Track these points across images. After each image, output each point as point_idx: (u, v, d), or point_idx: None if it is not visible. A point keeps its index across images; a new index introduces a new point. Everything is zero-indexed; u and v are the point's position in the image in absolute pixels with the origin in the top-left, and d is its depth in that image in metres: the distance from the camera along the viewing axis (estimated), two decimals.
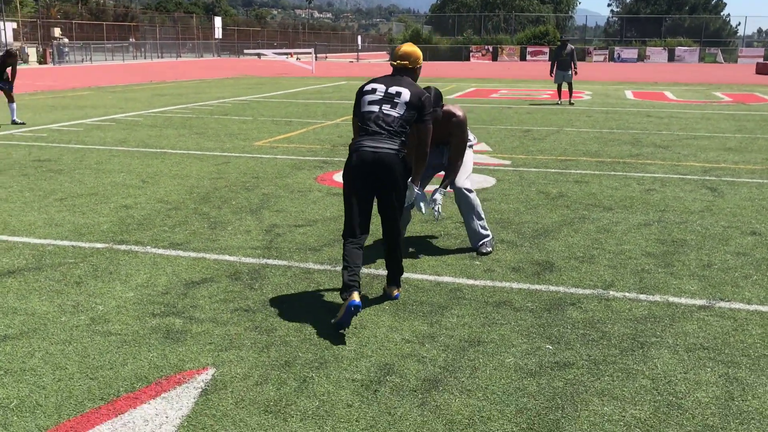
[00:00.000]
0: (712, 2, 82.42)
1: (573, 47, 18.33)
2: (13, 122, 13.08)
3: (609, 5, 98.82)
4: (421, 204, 4.78)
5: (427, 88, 4.77)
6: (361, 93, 4.22)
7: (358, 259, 3.98)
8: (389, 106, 4.09)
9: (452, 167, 5.27)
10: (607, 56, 56.87)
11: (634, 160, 9.58)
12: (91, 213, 6.50)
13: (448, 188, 5.32)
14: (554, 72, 18.25)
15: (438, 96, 5.02)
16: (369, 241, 5.00)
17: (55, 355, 3.61)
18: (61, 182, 7.87)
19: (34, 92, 21.16)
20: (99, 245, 5.49)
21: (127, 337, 3.83)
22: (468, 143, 5.48)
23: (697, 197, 7.30)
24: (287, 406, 3.12)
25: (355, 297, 3.76)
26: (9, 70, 13.14)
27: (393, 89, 4.13)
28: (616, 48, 58.81)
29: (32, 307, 4.24)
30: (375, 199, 4.18)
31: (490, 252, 5.34)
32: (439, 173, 5.54)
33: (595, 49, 59.15)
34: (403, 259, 4.55)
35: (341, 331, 3.86)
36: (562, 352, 3.66)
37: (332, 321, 3.88)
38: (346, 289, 3.86)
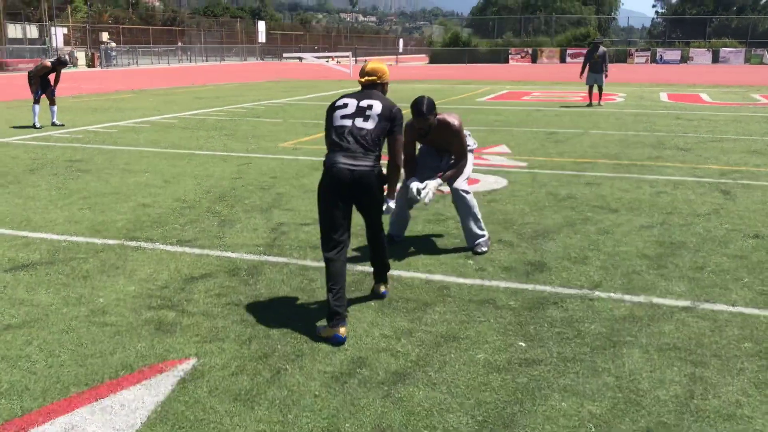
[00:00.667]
0: (761, 2, 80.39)
1: (605, 49, 18.23)
2: (53, 124, 13.58)
3: (654, 6, 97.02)
4: (414, 191, 5.05)
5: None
6: (332, 108, 4.21)
7: (341, 279, 3.96)
8: (362, 119, 4.07)
9: (455, 166, 5.40)
10: (649, 58, 55.98)
11: (652, 162, 9.53)
12: (110, 211, 6.78)
13: (445, 188, 5.46)
14: (585, 74, 18.17)
15: (431, 104, 5.11)
16: (357, 242, 5.15)
17: (51, 343, 3.83)
18: (88, 181, 8.20)
19: (78, 95, 21.84)
20: (111, 241, 5.75)
21: (121, 328, 4.04)
22: (468, 147, 5.58)
23: (708, 200, 7.26)
24: (257, 396, 3.28)
25: (341, 332, 3.82)
26: (52, 75, 13.63)
27: (364, 102, 4.13)
28: (659, 49, 57.89)
29: (38, 299, 4.49)
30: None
31: (485, 252, 5.44)
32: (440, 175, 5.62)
33: (636, 50, 58.26)
34: (403, 259, 4.67)
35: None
36: (534, 350, 3.75)
37: (317, 332, 3.94)
38: (332, 318, 3.86)
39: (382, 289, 4.55)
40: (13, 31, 41.45)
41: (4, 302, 4.44)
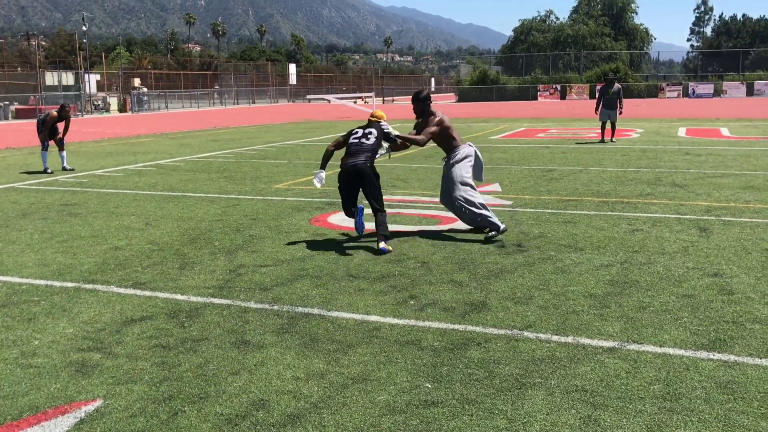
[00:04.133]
0: None
1: (620, 86, 18.25)
2: (64, 168, 14.00)
3: (688, 40, 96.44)
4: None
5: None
6: (349, 135, 7.29)
7: (351, 216, 7.22)
8: (365, 139, 7.11)
9: (404, 139, 7.41)
10: (681, 92, 55.50)
11: (640, 200, 9.42)
12: (82, 254, 6.95)
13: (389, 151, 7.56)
14: (599, 110, 18.12)
15: (427, 95, 7.54)
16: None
17: None
18: (72, 225, 8.41)
19: (100, 139, 22.48)
20: (70, 284, 5.88)
21: (43, 370, 4.13)
22: (465, 153, 7.43)
23: (681, 237, 7.15)
24: None
25: (382, 245, 6.72)
26: (61, 124, 14.08)
27: (367, 131, 7.22)
28: (691, 83, 57.38)
29: None
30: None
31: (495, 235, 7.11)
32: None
33: (668, 84, 57.83)
34: (346, 299, 4.70)
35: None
36: (438, 391, 3.73)
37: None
38: (350, 216, 7.24)
39: (381, 245, 6.71)
40: (50, 78, 43.03)
41: None
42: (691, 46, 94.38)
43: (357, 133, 7.20)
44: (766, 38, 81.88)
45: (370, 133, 7.14)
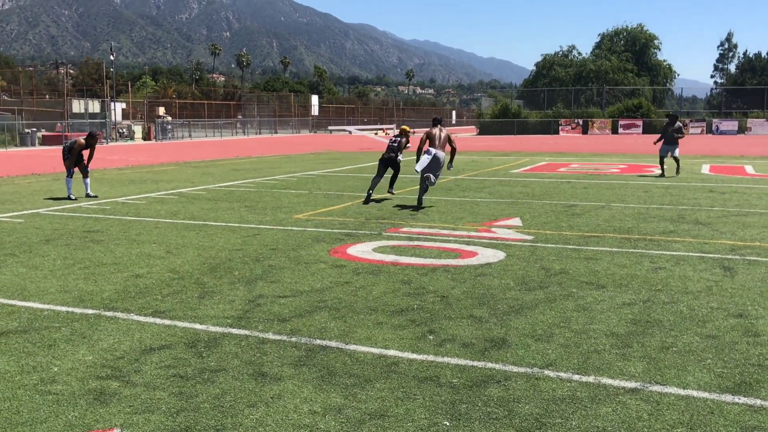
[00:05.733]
0: None
1: (680, 124, 19.14)
2: (87, 195, 14.16)
3: (712, 76, 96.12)
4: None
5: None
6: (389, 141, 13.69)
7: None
8: (395, 144, 13.45)
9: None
10: (705, 129, 55.24)
11: (663, 237, 9.33)
12: (103, 281, 6.99)
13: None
14: (659, 144, 18.98)
15: (440, 119, 13.28)
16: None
17: None
18: (94, 252, 8.49)
19: (123, 167, 22.76)
20: (90, 311, 5.92)
21: (62, 397, 4.13)
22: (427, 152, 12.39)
23: (705, 277, 7.05)
24: None
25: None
26: (86, 151, 14.29)
27: (395, 140, 13.50)
28: (714, 120, 57.12)
29: None
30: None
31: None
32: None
33: (692, 121, 57.60)
34: (365, 332, 4.68)
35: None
36: (456, 430, 3.67)
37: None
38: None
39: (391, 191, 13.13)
40: (77, 106, 43.81)
41: None
42: (715, 82, 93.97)
43: (390, 141, 13.73)
44: None
45: (398, 140, 13.64)
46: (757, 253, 8.23)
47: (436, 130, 12.56)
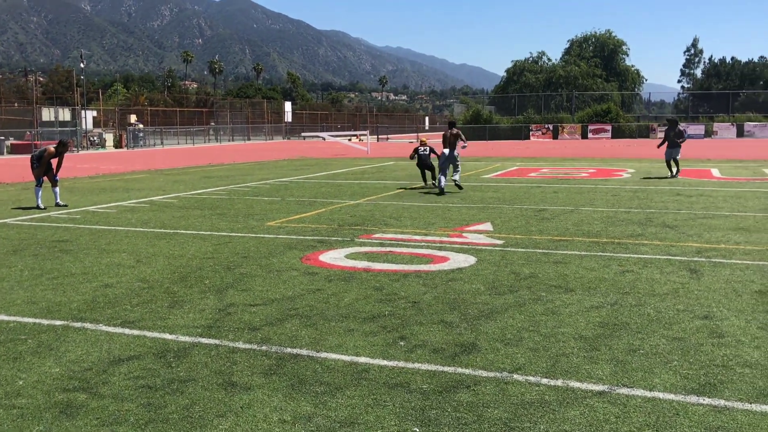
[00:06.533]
0: None
1: (681, 128, 19.88)
2: (57, 204, 13.98)
3: (679, 81, 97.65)
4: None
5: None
6: (421, 150, 17.45)
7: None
8: (426, 149, 17.35)
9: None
10: None
11: (631, 240, 9.46)
12: (72, 291, 6.91)
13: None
14: (664, 149, 19.81)
15: (454, 122, 16.87)
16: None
17: None
18: (63, 262, 8.38)
19: (94, 175, 22.49)
20: (58, 322, 5.84)
21: (27, 411, 4.07)
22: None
23: (671, 279, 7.16)
24: None
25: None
26: (55, 160, 14.11)
27: (426, 148, 17.42)
28: (682, 124, 57.98)
29: None
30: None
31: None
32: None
33: (659, 125, 58.42)
34: (335, 339, 4.67)
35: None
36: None
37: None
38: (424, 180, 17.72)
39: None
40: (47, 114, 43.23)
41: None
42: (682, 87, 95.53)
43: (423, 149, 17.29)
44: (755, 80, 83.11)
45: (426, 147, 17.31)
46: (722, 255, 8.37)
47: (447, 133, 16.23)
